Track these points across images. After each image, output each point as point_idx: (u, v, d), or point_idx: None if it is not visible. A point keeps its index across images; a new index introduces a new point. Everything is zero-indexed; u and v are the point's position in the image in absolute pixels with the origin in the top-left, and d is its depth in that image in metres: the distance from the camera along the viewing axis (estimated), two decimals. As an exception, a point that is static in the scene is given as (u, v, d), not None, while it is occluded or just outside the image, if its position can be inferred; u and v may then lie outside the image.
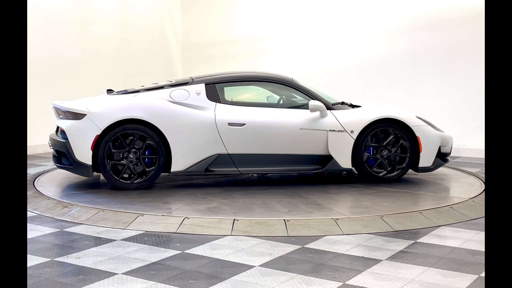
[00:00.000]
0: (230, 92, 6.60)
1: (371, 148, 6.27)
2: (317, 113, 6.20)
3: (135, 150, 5.99)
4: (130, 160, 5.98)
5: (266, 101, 6.67)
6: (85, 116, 5.93)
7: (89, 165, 5.88)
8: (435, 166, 6.40)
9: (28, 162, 7.95)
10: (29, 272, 3.66)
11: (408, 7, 9.44)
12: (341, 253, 4.09)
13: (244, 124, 6.11)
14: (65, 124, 6.02)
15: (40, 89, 9.26)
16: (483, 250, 4.09)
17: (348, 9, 10.03)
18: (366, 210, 5.17)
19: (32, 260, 3.91)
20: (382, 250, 4.16)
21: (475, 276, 3.62)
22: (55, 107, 6.24)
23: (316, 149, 6.19)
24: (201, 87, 6.27)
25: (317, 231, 4.61)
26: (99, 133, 5.86)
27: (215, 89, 6.30)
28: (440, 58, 9.22)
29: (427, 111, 8.62)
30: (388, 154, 6.27)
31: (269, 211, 5.15)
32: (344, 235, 4.55)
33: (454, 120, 8.74)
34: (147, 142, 5.98)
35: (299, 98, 6.54)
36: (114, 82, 10.45)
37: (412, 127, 6.24)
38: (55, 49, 9.62)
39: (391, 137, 6.24)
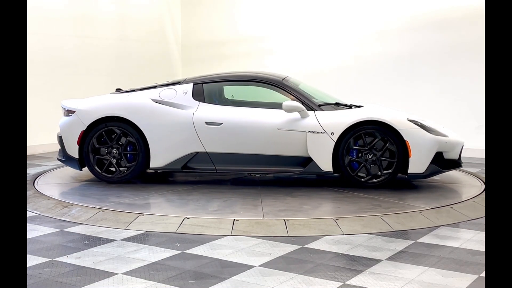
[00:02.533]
0: (232, 92, 6.67)
1: (355, 151, 5.97)
2: (296, 114, 6.06)
3: (117, 146, 6.35)
4: (113, 155, 6.35)
5: (263, 101, 6.60)
6: (74, 113, 6.45)
7: (76, 158, 6.38)
8: (430, 173, 5.95)
9: (28, 162, 7.95)
10: (29, 272, 3.66)
11: (409, 7, 9.44)
12: (341, 253, 4.10)
13: (221, 124, 6.17)
14: (61, 120, 6.60)
15: (40, 89, 9.27)
16: (483, 250, 4.09)
17: (349, 8, 10.02)
18: (294, 213, 5.02)
19: (32, 260, 3.91)
20: (382, 250, 4.16)
21: (475, 276, 3.62)
22: (62, 106, 6.71)
23: (295, 151, 6.05)
24: (189, 86, 6.47)
25: (317, 231, 4.61)
26: (84, 129, 6.33)
27: (201, 89, 6.44)
28: (440, 58, 9.22)
29: (427, 111, 8.63)
30: (373, 158, 5.94)
31: (198, 208, 5.24)
32: (344, 235, 4.55)
33: (454, 120, 8.74)
34: (128, 138, 6.32)
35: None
36: (114, 82, 10.45)
37: (399, 130, 5.84)
38: (55, 49, 9.62)
39: (376, 140, 5.91)
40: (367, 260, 3.95)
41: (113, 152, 6.35)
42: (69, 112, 6.49)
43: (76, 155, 6.37)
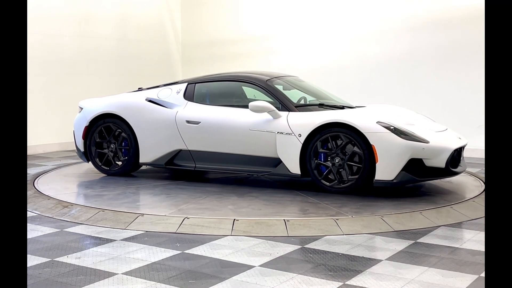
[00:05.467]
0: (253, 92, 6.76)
1: (323, 155, 5.76)
2: (267, 114, 5.99)
3: (115, 141, 6.81)
4: (111, 150, 6.82)
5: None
6: (82, 110, 7.03)
7: (82, 151, 6.94)
8: (400, 180, 5.50)
9: (28, 162, 7.96)
10: (29, 272, 3.66)
11: (409, 7, 9.44)
12: (341, 253, 4.09)
13: (199, 122, 6.32)
14: (75, 117, 7.15)
15: (40, 89, 9.27)
16: (483, 250, 4.09)
17: (353, 8, 10.02)
18: (203, 211, 5.08)
19: (32, 260, 3.91)
20: (382, 250, 4.16)
21: (475, 276, 3.62)
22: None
23: (266, 151, 6.00)
24: (183, 86, 6.72)
25: (317, 231, 4.61)
26: (86, 124, 6.88)
27: (193, 88, 6.64)
28: (440, 57, 9.22)
29: (427, 111, 8.61)
30: (340, 162, 5.68)
31: (129, 202, 5.50)
32: (344, 235, 4.55)
33: (454, 120, 8.73)
34: (122, 134, 6.75)
35: (311, 98, 6.58)
36: (114, 82, 10.47)
37: (365, 134, 5.49)
38: (55, 48, 9.62)
39: (342, 143, 5.64)
40: (367, 260, 3.95)
41: (111, 147, 6.82)
42: (81, 110, 7.09)
43: (82, 148, 6.95)
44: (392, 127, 5.58)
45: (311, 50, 10.42)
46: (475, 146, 8.36)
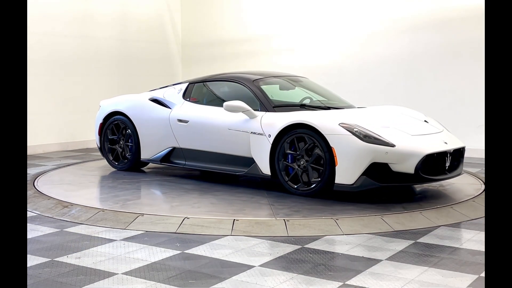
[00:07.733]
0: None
1: (290, 156, 5.65)
2: (243, 114, 6.01)
3: (123, 138, 7.11)
4: (120, 146, 7.16)
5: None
6: (100, 109, 7.41)
7: (99, 146, 7.37)
8: (361, 185, 5.26)
9: (28, 162, 7.95)
10: (29, 272, 3.66)
11: (409, 7, 9.43)
12: (341, 253, 4.10)
13: (188, 121, 6.50)
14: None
15: (40, 89, 9.26)
16: (483, 250, 4.09)
17: (352, 8, 10.02)
18: (139, 207, 5.28)
19: (32, 260, 3.91)
20: (382, 250, 4.16)
21: (475, 276, 3.62)
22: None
23: (243, 151, 6.01)
24: (184, 86, 6.91)
25: (317, 231, 4.61)
26: (101, 121, 7.29)
27: (192, 88, 6.83)
28: (440, 57, 9.21)
29: (427, 111, 8.62)
30: (305, 164, 5.55)
31: (90, 194, 5.87)
32: (344, 235, 4.55)
33: (454, 120, 8.73)
34: (127, 131, 7.04)
35: (320, 98, 6.61)
36: (115, 82, 10.47)
37: (325, 135, 5.35)
38: (55, 49, 9.61)
39: (307, 145, 5.50)
40: (367, 260, 3.95)
41: (120, 143, 7.17)
42: (100, 108, 7.44)
43: (98, 144, 7.36)
44: (355, 130, 5.35)
45: (312, 50, 10.41)
46: (475, 146, 8.35)
